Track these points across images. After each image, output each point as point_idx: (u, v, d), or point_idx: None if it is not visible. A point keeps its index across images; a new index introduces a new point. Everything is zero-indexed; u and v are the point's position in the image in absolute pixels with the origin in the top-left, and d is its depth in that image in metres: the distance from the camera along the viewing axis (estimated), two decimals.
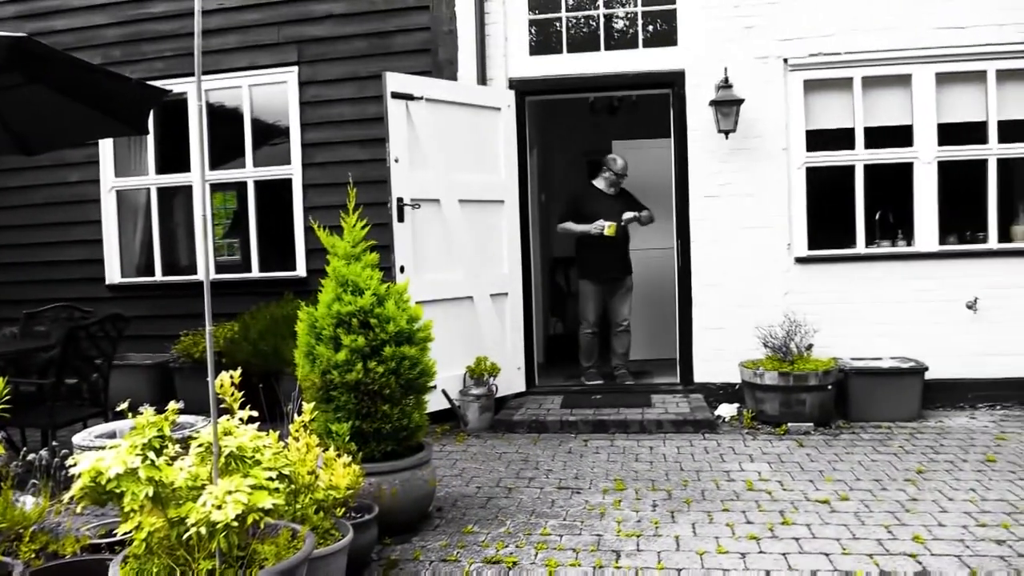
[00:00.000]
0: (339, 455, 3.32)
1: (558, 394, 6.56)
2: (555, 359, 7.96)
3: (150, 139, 7.11)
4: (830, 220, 6.39)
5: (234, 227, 9.33)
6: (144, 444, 2.31)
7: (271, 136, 7.24)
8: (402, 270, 5.58)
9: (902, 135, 6.22)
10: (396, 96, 5.65)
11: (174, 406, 2.48)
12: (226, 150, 7.21)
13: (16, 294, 7.20)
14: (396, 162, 5.63)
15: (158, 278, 7.31)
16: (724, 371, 6.28)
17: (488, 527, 3.87)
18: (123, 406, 2.50)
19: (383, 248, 4.67)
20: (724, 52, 6.26)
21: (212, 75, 6.86)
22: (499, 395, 6.09)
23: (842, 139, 6.28)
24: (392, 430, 3.76)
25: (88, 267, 7.37)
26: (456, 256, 6.04)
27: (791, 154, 6.26)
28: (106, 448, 2.32)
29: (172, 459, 2.39)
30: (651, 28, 6.69)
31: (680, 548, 3.53)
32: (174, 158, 7.27)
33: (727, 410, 6.02)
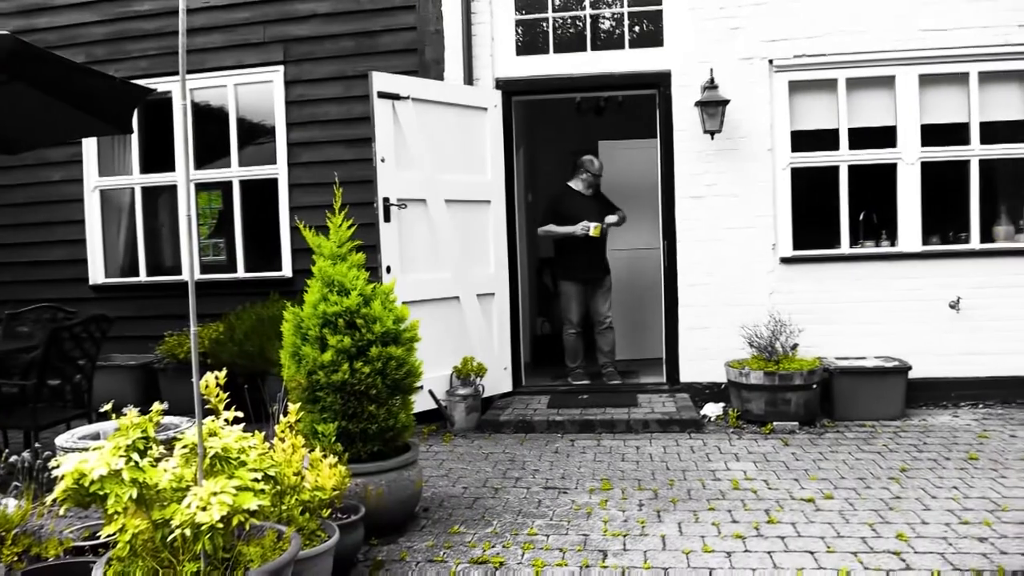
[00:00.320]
0: (325, 456, 3.32)
1: (545, 394, 6.56)
2: (542, 359, 7.97)
3: (134, 138, 7.05)
4: (815, 220, 6.44)
5: (219, 227, 9.27)
6: (128, 445, 2.29)
7: (257, 135, 7.21)
8: (388, 270, 5.57)
9: (886, 136, 6.27)
10: (383, 96, 5.64)
11: (158, 407, 2.47)
12: (211, 149, 7.17)
13: None
14: (383, 162, 5.62)
15: (142, 278, 7.26)
16: (710, 371, 6.31)
17: (475, 527, 3.87)
18: (107, 407, 2.49)
19: (369, 248, 4.67)
20: (710, 53, 6.29)
21: (197, 74, 6.84)
22: (486, 395, 6.09)
23: (827, 140, 6.33)
24: (378, 431, 3.76)
25: (71, 267, 7.31)
26: (443, 256, 6.04)
27: (776, 155, 6.30)
28: (89, 450, 2.30)
29: (156, 460, 2.38)
30: (637, 29, 6.71)
31: (666, 547, 3.54)
32: (159, 157, 7.23)
33: (713, 409, 6.04)
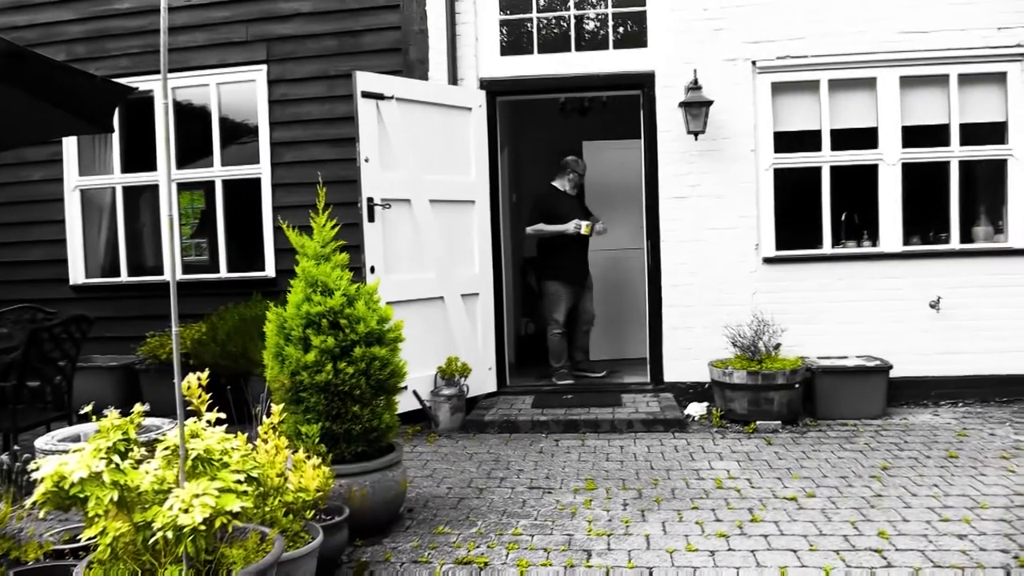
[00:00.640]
0: (309, 457, 3.30)
1: (529, 394, 6.56)
2: (526, 359, 7.97)
3: (115, 137, 7.00)
4: (797, 221, 6.48)
5: (202, 227, 9.20)
6: (109, 447, 2.28)
7: (239, 135, 7.17)
8: (372, 270, 5.56)
9: (868, 137, 6.32)
10: (366, 95, 5.62)
11: (140, 408, 2.46)
12: (194, 149, 7.12)
13: None
14: (366, 162, 5.60)
15: (123, 279, 7.19)
16: (694, 370, 6.34)
17: (459, 528, 3.87)
18: (87, 409, 2.47)
19: (353, 248, 4.66)
20: (693, 54, 6.31)
21: (179, 73, 6.79)
22: (470, 395, 6.08)
23: (809, 141, 6.38)
24: (362, 431, 3.75)
25: (51, 267, 7.23)
26: (427, 256, 6.03)
27: (759, 155, 6.33)
28: (70, 452, 2.29)
29: (138, 462, 2.36)
30: (621, 30, 6.72)
31: (650, 547, 3.55)
32: (140, 157, 7.16)
33: (696, 409, 6.07)
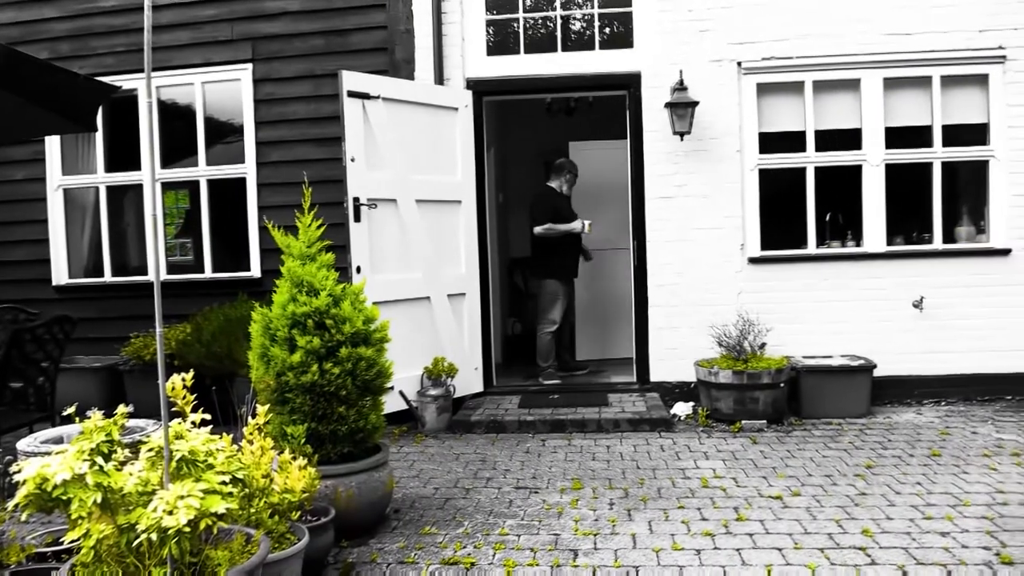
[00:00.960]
0: (294, 458, 3.29)
1: (516, 394, 6.57)
2: (513, 359, 7.98)
3: (99, 136, 6.95)
4: (782, 221, 6.52)
5: (186, 227, 9.15)
6: (92, 449, 2.26)
7: (224, 134, 7.13)
8: (358, 270, 5.55)
9: (852, 138, 6.37)
10: (352, 95, 5.61)
11: (123, 410, 2.44)
12: (178, 148, 7.07)
13: None
14: (352, 161, 5.58)
15: (107, 279, 7.14)
16: (680, 370, 6.36)
17: (446, 528, 3.87)
18: (71, 410, 2.45)
19: (339, 248, 4.65)
20: (679, 55, 6.34)
21: (164, 71, 6.75)
22: (457, 395, 6.08)
23: (794, 141, 6.42)
24: (348, 432, 3.74)
25: (34, 268, 7.16)
26: (413, 256, 6.02)
27: (744, 156, 6.37)
28: (52, 454, 2.27)
29: (122, 464, 2.34)
30: (608, 30, 6.74)
31: (637, 546, 3.56)
32: (124, 156, 7.11)
33: (682, 408, 6.09)
